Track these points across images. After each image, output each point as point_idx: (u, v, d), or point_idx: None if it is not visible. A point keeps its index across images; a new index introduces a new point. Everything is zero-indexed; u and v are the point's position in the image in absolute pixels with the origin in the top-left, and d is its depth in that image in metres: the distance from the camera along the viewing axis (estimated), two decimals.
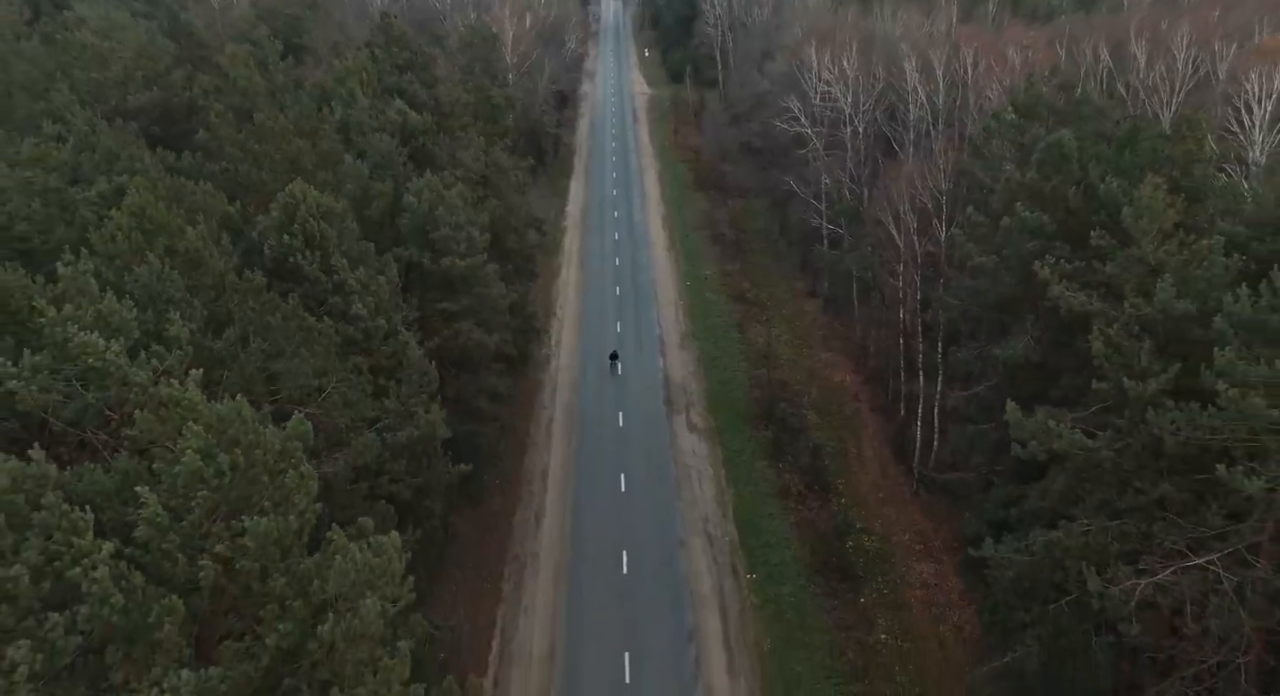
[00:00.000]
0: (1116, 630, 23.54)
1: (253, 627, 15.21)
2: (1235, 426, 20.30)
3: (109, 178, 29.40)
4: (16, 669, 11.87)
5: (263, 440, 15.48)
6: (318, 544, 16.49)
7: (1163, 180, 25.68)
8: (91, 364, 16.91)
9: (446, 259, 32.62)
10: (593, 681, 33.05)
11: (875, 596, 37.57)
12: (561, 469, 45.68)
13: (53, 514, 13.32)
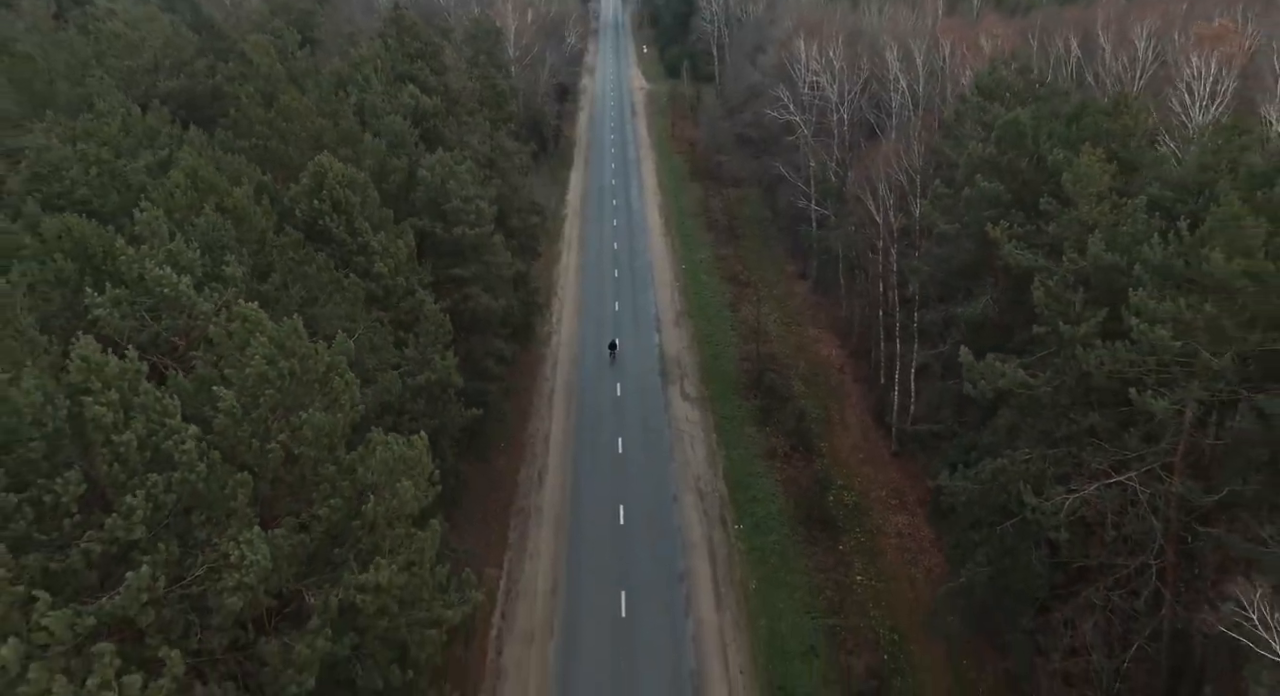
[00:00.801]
0: (1052, 544, 26.78)
1: (307, 506, 18.40)
2: (1147, 358, 23.48)
3: (153, 151, 32.68)
4: (134, 512, 15.03)
5: (314, 352, 18.67)
6: (359, 443, 19.67)
7: (1102, 151, 28.88)
8: (165, 294, 20.07)
9: (457, 228, 35.81)
10: (591, 614, 36.26)
11: (852, 544, 40.75)
12: (562, 433, 48.87)
13: (148, 399, 16.50)
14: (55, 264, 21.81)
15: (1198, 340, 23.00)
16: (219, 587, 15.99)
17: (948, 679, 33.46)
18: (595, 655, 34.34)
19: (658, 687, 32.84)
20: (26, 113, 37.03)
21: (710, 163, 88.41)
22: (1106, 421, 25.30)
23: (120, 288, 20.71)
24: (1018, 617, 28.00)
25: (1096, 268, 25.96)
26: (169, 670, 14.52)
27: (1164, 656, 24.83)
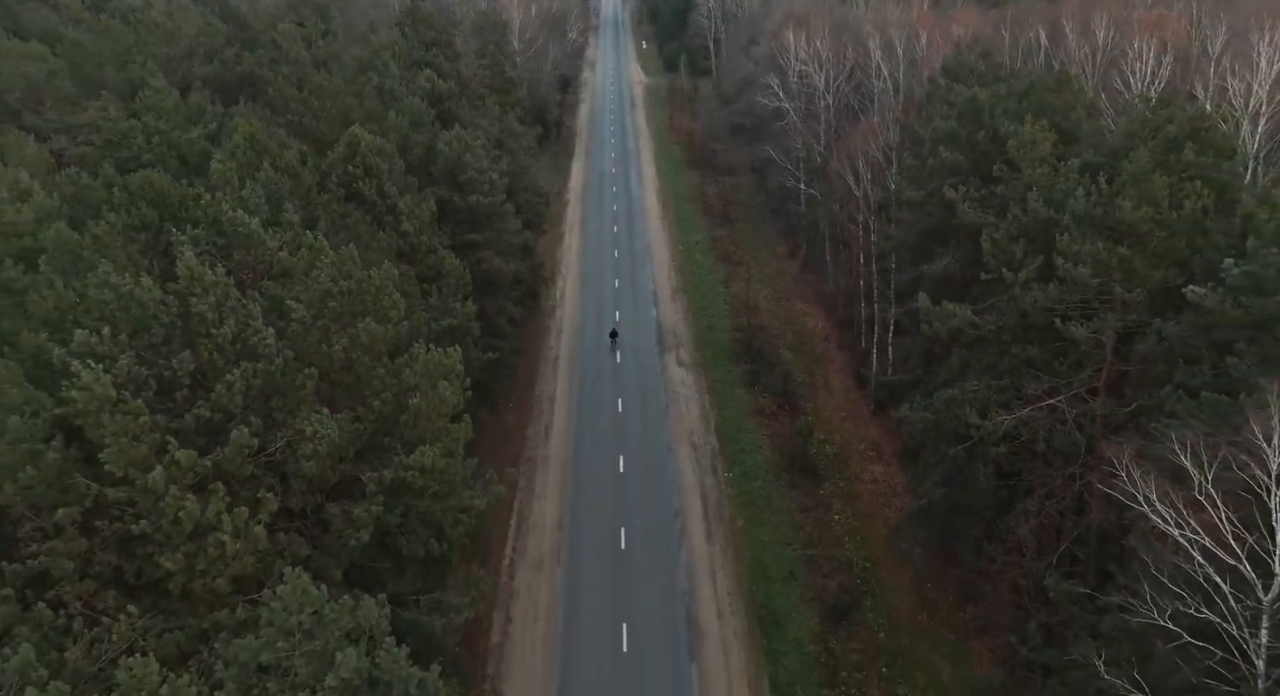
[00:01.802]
0: (997, 464, 30.82)
1: (362, 402, 22.41)
2: (1072, 294, 27.49)
3: (202, 125, 36.70)
4: (234, 385, 19.05)
5: (367, 276, 22.68)
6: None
7: (1045, 122, 32.89)
8: (239, 232, 24.07)
9: (472, 197, 39.85)
10: (594, 546, 40.31)
11: (831, 489, 44.78)
12: (566, 394, 52.90)
13: (236, 304, 20.51)
14: (140, 211, 25.77)
15: (1113, 277, 27.03)
16: (298, 454, 19.99)
17: (912, 598, 37.49)
18: (597, 579, 38.36)
19: (653, 604, 36.82)
20: (82, 93, 41.04)
21: (706, 151, 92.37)
22: (1042, 353, 29.30)
23: (197, 229, 24.70)
24: (969, 530, 32.03)
25: (1035, 221, 29.95)
26: (264, 508, 18.53)
27: (1092, 555, 28.82)
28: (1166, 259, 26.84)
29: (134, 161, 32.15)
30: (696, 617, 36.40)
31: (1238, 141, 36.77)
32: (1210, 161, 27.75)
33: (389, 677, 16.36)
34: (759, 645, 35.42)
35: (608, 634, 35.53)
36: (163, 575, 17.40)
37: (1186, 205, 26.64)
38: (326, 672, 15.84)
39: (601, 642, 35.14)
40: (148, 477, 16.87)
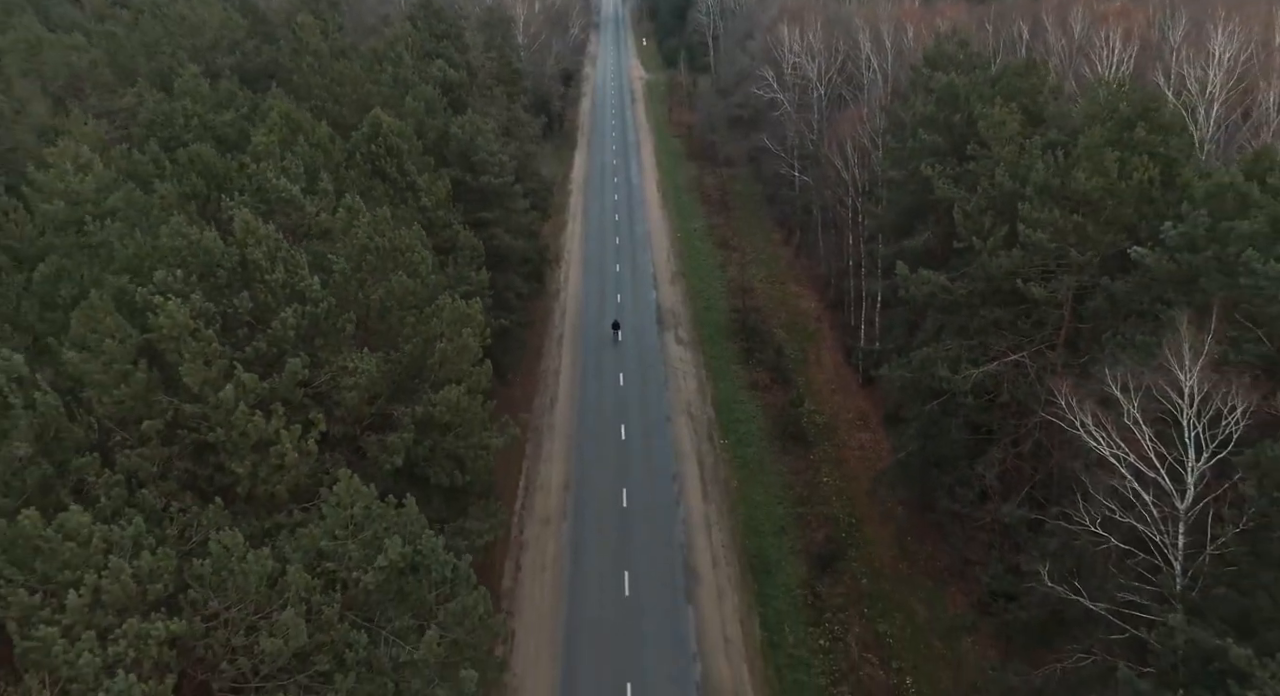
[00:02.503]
0: (967, 417, 33.76)
1: (394, 347, 25.37)
2: (1032, 258, 30.45)
3: (234, 109, 39.64)
4: (286, 322, 22.02)
5: (399, 235, 25.64)
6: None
7: (1014, 105, 35.85)
8: (282, 197, 27.02)
9: (484, 177, 42.82)
10: (597, 504, 43.27)
11: (821, 454, 47.75)
12: (570, 369, 55.88)
13: (286, 253, 23.45)
14: (190, 181, 28.74)
15: (1069, 242, 29.99)
16: (340, 387, 22.96)
17: (894, 550, 40.46)
18: (600, 532, 41.33)
19: (653, 554, 39.79)
20: (119, 81, 43.98)
21: (705, 143, 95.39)
22: (1007, 314, 32.26)
23: (243, 196, 27.66)
24: (942, 478, 34.99)
25: (1001, 193, 32.91)
26: (315, 428, 21.50)
27: (1052, 496, 31.74)
28: (1116, 225, 29.77)
29: (175, 140, 35.17)
30: (693, 566, 39.35)
31: (1196, 123, 39.82)
32: (1158, 138, 30.66)
33: (428, 562, 19.32)
34: (751, 590, 38.37)
35: (611, 580, 38.49)
36: (232, 481, 20.36)
37: (1135, 176, 29.56)
38: (376, 556, 18.80)
39: (605, 588, 38.09)
40: (219, 395, 19.83)
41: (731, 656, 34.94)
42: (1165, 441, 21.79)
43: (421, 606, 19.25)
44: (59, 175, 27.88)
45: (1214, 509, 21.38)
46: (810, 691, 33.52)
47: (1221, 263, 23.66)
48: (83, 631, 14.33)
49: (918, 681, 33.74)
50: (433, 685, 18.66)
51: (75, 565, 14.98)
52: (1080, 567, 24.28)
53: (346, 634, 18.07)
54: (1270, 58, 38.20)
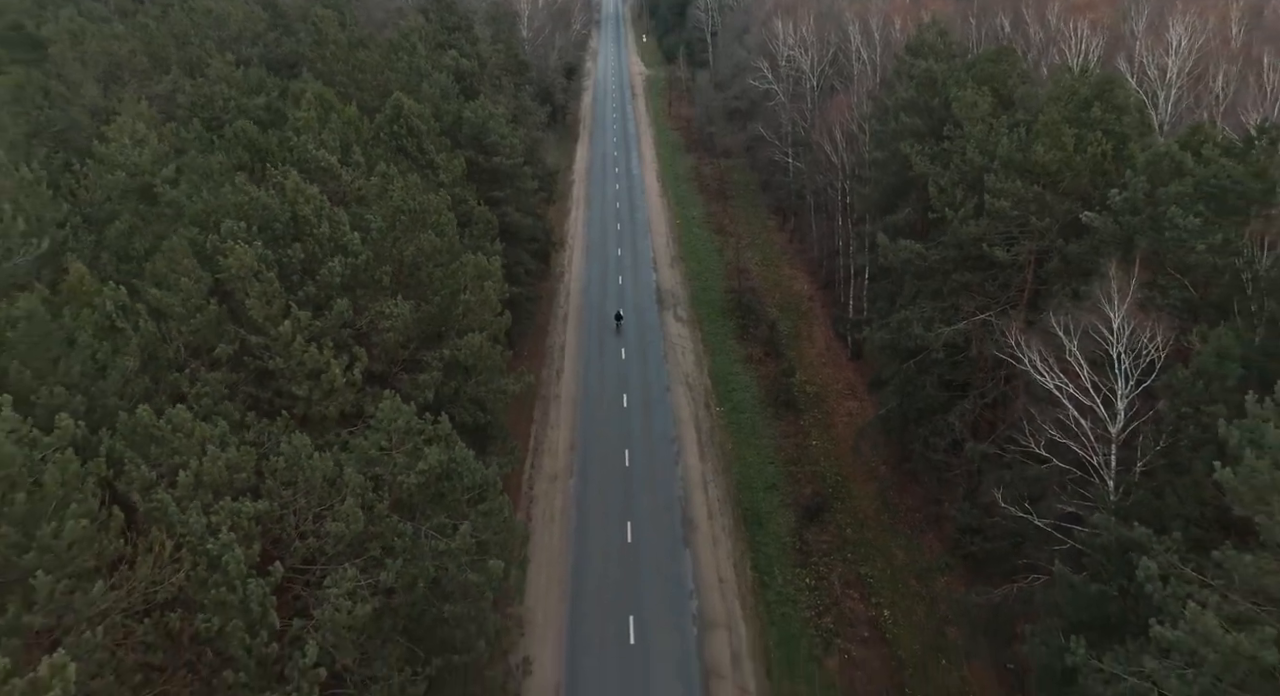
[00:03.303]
0: (940, 375, 37.08)
1: (423, 299, 28.69)
2: (997, 225, 33.77)
3: (264, 95, 42.95)
4: (333, 270, 25.34)
5: (427, 198, 28.96)
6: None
7: (986, 89, 39.15)
8: (321, 166, 30.33)
9: (496, 158, 46.13)
10: (601, 464, 46.62)
11: (810, 420, 51.12)
12: (575, 345, 59.23)
13: (329, 212, 26.77)
14: (237, 154, 32.06)
15: (1030, 210, 33.33)
16: (379, 329, 26.29)
17: (876, 503, 43.82)
18: (604, 488, 44.67)
19: (653, 506, 43.15)
20: (154, 69, 47.26)
21: (703, 135, 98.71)
22: (975, 277, 35.61)
23: (285, 166, 30.96)
24: (918, 430, 38.32)
25: (972, 168, 36.23)
26: (359, 361, 24.81)
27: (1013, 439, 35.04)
28: (1073, 194, 33.09)
29: (215, 120, 38.51)
30: (691, 517, 42.71)
31: (1156, 107, 43.17)
32: (1113, 117, 34.01)
33: (461, 469, 22.64)
34: (743, 537, 41.74)
35: (614, 529, 41.84)
36: (289, 403, 23.67)
37: (1089, 150, 32.89)
38: (417, 463, 22.13)
39: (609, 536, 41.44)
40: (279, 328, 23.14)
41: (725, 593, 38.29)
42: (1100, 375, 25.10)
43: (455, 506, 22.56)
44: (119, 149, 31.21)
45: (1141, 432, 24.69)
46: (796, 622, 36.86)
47: (1153, 220, 26.97)
48: (190, 501, 17.64)
49: (894, 613, 37.09)
50: (465, 571, 21.96)
51: (181, 452, 18.28)
52: (1031, 491, 27.60)
53: (394, 526, 21.39)
54: (1223, 47, 41.51)
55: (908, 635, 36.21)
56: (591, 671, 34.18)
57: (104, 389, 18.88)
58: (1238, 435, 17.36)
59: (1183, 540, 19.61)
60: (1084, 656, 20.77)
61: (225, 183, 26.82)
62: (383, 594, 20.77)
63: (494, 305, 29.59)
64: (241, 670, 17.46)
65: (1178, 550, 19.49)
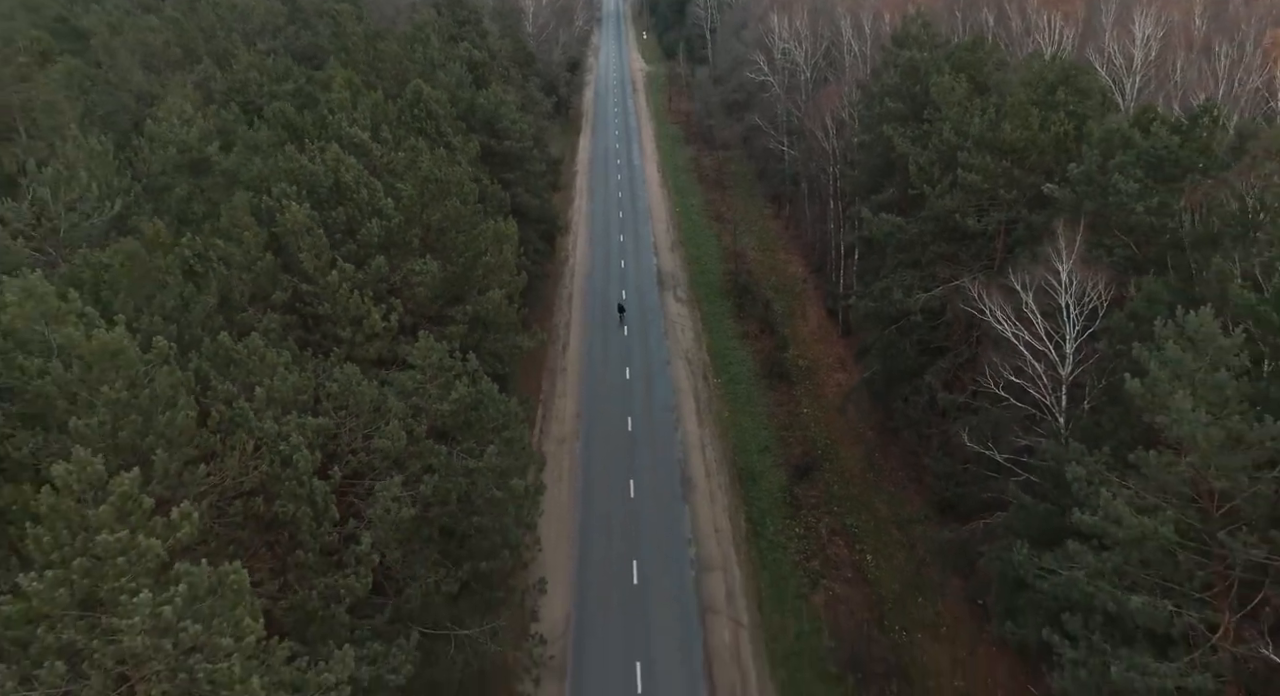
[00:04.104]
0: (919, 339, 40.50)
1: (450, 256, 32.11)
2: (969, 197, 37.19)
3: (292, 82, 46.39)
4: (371, 230, 28.76)
5: (451, 169, 32.38)
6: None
7: (963, 75, 42.59)
8: (355, 142, 33.75)
9: (506, 142, 49.60)
10: (605, 429, 50.06)
11: (802, 391, 54.56)
12: (579, 322, 62.69)
13: (367, 179, 30.16)
14: (276, 131, 35.48)
15: (998, 184, 36.77)
16: (411, 284, 29.71)
17: (863, 464, 47.24)
18: (608, 450, 48.12)
19: (654, 467, 46.59)
20: (185, 58, 50.73)
21: (702, 128, 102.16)
22: (950, 247, 39.05)
23: (320, 142, 34.36)
24: (899, 390, 41.76)
25: (948, 147, 39.67)
26: (394, 310, 28.23)
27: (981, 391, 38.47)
28: (1038, 169, 36.53)
29: (250, 105, 41.96)
30: (689, 476, 46.14)
31: (1123, 93, 46.60)
32: (1076, 99, 37.45)
33: (487, 400, 26.06)
34: (738, 494, 45.17)
35: (618, 487, 45.27)
36: (334, 345, 27.08)
37: (1052, 129, 36.34)
38: (449, 393, 25.55)
39: (613, 492, 44.87)
40: (328, 278, 26.56)
41: (721, 541, 41.72)
42: (1052, 324, 28.54)
43: (482, 433, 25.96)
44: (169, 127, 34.65)
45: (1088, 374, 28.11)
46: (785, 565, 40.29)
47: (1100, 187, 30.39)
48: (263, 412, 21.05)
49: (876, 558, 40.52)
50: (491, 488, 25.36)
51: (255, 373, 21.68)
52: (994, 432, 31.01)
53: (430, 448, 24.81)
54: (1185, 38, 44.95)
55: (888, 576, 39.63)
56: (598, 606, 37.62)
57: (189, 320, 22.28)
58: (1146, 353, 20.77)
59: (1110, 453, 22.98)
60: (1026, 556, 24.22)
61: (273, 154, 30.25)
62: (421, 504, 24.19)
63: (511, 266, 33.06)
64: (309, 552, 20.89)
65: (1105, 461, 22.89)
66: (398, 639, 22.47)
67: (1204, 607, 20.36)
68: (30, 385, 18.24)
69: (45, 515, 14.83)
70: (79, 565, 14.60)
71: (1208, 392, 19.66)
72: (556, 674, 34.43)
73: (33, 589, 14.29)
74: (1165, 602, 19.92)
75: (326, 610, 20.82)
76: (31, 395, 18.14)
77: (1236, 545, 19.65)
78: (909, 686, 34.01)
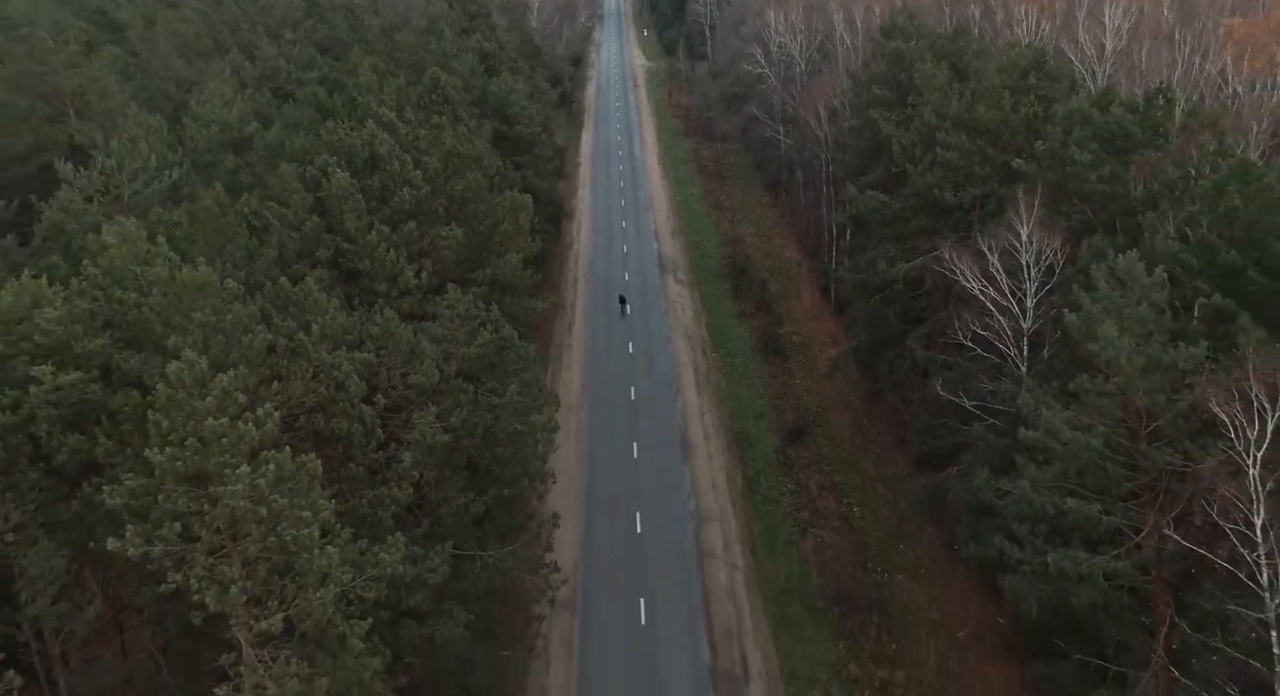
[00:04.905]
0: (902, 308, 44.01)
1: (471, 224, 35.60)
2: (947, 174, 40.69)
3: (316, 71, 49.94)
4: (403, 197, 32.24)
5: (472, 144, 35.89)
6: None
7: (944, 63, 46.12)
8: (383, 120, 37.23)
9: (517, 127, 53.14)
10: (610, 398, 53.61)
11: (796, 363, 58.09)
12: (584, 304, 66.25)
13: (399, 153, 33.67)
14: (309, 111, 39.00)
15: (973, 161, 40.27)
16: (438, 247, 33.22)
17: (851, 429, 50.76)
18: (613, 416, 51.66)
19: (655, 432, 50.10)
20: (215, 49, 54.23)
21: (701, 120, 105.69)
22: (930, 222, 42.57)
23: (350, 121, 37.87)
24: (884, 354, 45.27)
25: (928, 128, 43.18)
26: (425, 269, 31.72)
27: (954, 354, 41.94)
28: (1009, 147, 40.03)
29: (281, 90, 45.50)
30: (689, 439, 49.67)
31: (1095, 79, 50.07)
32: (1045, 84, 40.95)
33: (508, 345, 29.55)
34: (735, 454, 48.69)
35: (622, 449, 48.79)
36: (371, 299, 30.55)
37: (1022, 111, 39.84)
38: (474, 339, 29.03)
39: (617, 453, 48.40)
40: (367, 238, 30.06)
41: (718, 496, 45.24)
42: (1016, 281, 32.04)
43: (504, 375, 29.44)
44: (212, 109, 38.19)
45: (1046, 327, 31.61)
46: (778, 516, 43.81)
47: (1060, 159, 33.89)
48: (319, 345, 24.54)
49: (862, 510, 44.03)
50: (512, 423, 28.84)
51: (310, 312, 25.17)
52: (964, 383, 34.48)
53: (459, 385, 28.29)
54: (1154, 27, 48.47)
55: (872, 526, 43.13)
56: (604, 551, 41.13)
57: (254, 269, 25.79)
58: (1082, 292, 24.24)
59: (1057, 387, 26.44)
60: (985, 480, 27.72)
61: (313, 130, 33.78)
62: (452, 434, 27.67)
63: (526, 233, 36.56)
64: (360, 466, 24.39)
65: (1053, 393, 26.36)
66: (434, 548, 25.95)
67: (1129, 512, 23.83)
68: (129, 314, 21.74)
69: (162, 405, 18.29)
70: (190, 444, 18.06)
71: (1132, 324, 23.15)
72: (567, 607, 37.98)
73: (155, 459, 17.74)
74: (1095, 506, 23.37)
75: (374, 516, 24.30)
76: (131, 322, 21.64)
77: (1157, 456, 23.12)
78: (888, 618, 37.47)
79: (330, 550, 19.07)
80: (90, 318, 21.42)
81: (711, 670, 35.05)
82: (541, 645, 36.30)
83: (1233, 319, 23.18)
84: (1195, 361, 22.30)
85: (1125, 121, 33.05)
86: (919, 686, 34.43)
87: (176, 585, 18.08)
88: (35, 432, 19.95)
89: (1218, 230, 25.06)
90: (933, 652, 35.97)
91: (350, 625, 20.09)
